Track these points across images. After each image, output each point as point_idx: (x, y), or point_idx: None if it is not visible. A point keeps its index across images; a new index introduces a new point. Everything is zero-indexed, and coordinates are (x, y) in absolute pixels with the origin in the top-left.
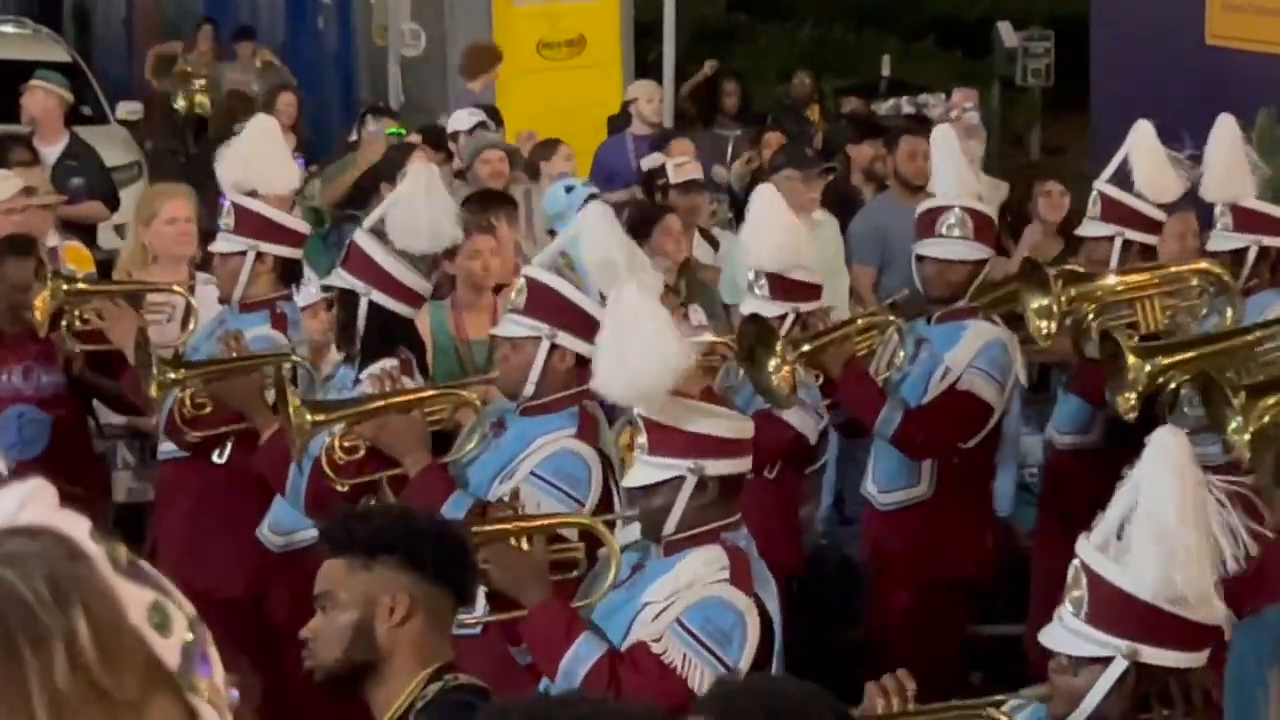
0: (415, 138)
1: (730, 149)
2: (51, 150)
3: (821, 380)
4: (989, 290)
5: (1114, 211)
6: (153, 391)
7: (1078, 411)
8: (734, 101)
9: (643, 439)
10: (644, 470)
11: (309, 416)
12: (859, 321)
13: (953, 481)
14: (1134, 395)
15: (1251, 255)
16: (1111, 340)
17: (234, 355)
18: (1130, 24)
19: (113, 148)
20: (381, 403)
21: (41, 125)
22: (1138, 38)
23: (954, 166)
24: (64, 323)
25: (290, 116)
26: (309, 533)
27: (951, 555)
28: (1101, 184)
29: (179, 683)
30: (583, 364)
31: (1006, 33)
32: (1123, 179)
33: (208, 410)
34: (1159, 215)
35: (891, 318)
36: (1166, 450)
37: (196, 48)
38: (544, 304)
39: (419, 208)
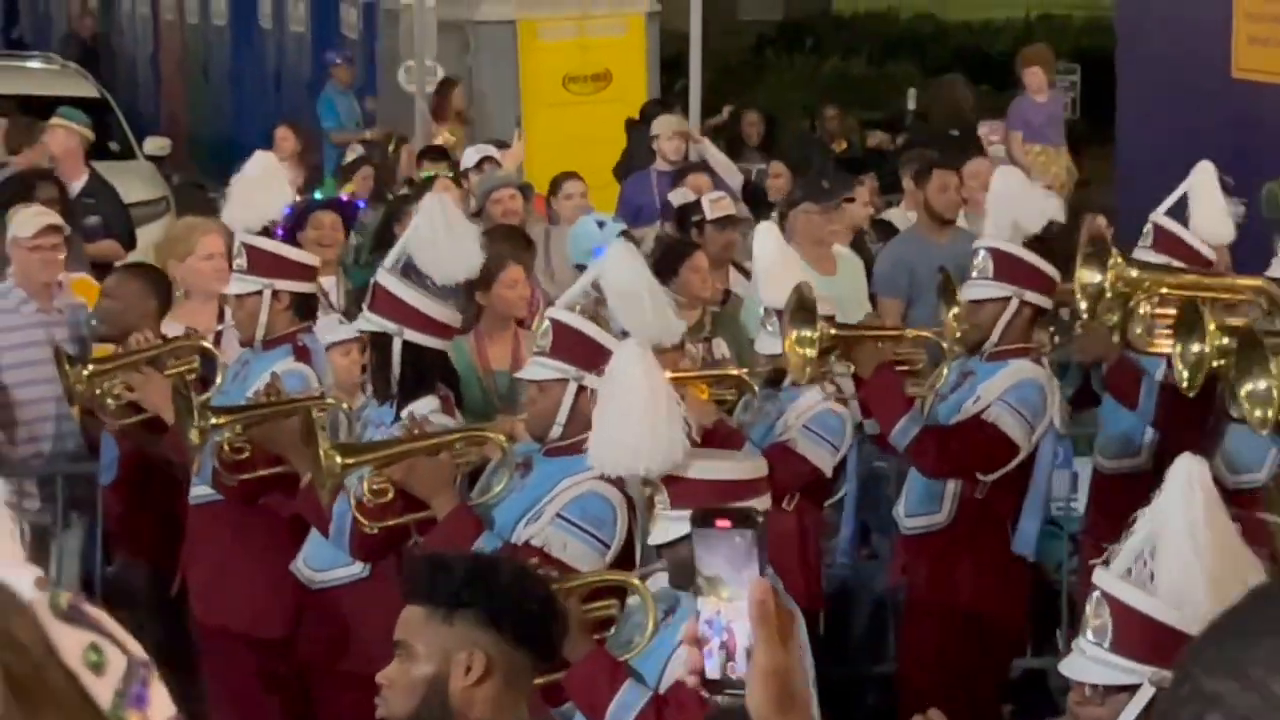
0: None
1: (753, 177)
2: (71, 187)
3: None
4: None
5: (1167, 244)
6: (194, 439)
7: (1125, 435)
8: (757, 134)
9: (662, 495)
10: (668, 525)
11: (339, 459)
12: (908, 333)
13: (973, 514)
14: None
15: None
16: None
17: (271, 399)
18: (1156, 57)
19: (140, 183)
20: (409, 445)
21: (62, 163)
22: (1164, 71)
23: (996, 207)
24: (97, 394)
25: (287, 150)
26: (345, 570)
27: (969, 587)
28: (1158, 216)
29: (109, 718)
30: None
31: None
32: (1177, 214)
33: (247, 455)
34: (1210, 254)
35: (936, 337)
36: (1189, 477)
37: None
38: (570, 346)
39: (441, 240)
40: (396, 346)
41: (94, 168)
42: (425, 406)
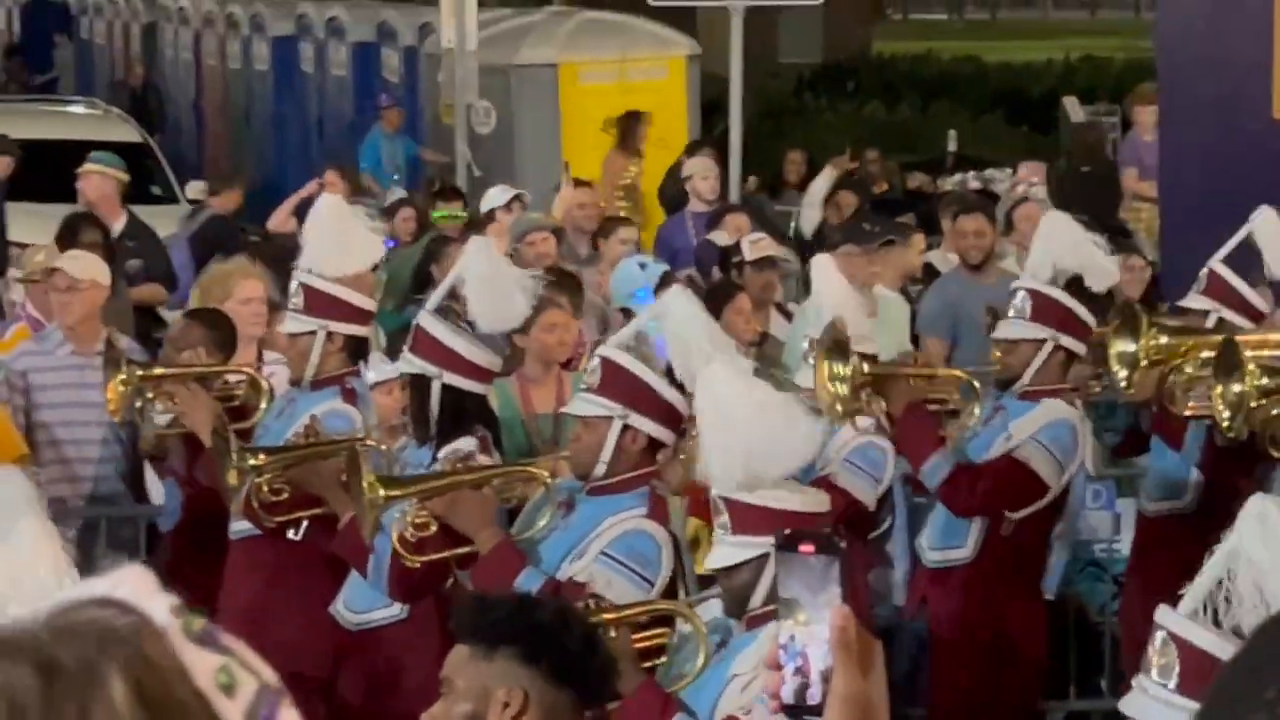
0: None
1: (794, 219)
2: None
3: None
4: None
5: (1218, 291)
6: (232, 480)
7: (1169, 477)
8: (798, 174)
9: (724, 519)
10: (728, 550)
11: (382, 491)
12: (940, 372)
13: (999, 551)
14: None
15: None
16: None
17: (310, 440)
18: (1197, 98)
19: None
20: (453, 479)
21: (99, 208)
22: (1205, 111)
23: (1037, 248)
24: (139, 406)
25: (336, 193)
26: (384, 612)
27: (991, 624)
28: (1215, 262)
29: None
30: (653, 446)
31: (1073, 107)
32: (1236, 261)
33: (285, 495)
34: (1262, 305)
35: (967, 377)
36: (1263, 516)
37: None
38: (618, 384)
39: (488, 286)
40: (435, 389)
41: (132, 210)
42: (463, 448)
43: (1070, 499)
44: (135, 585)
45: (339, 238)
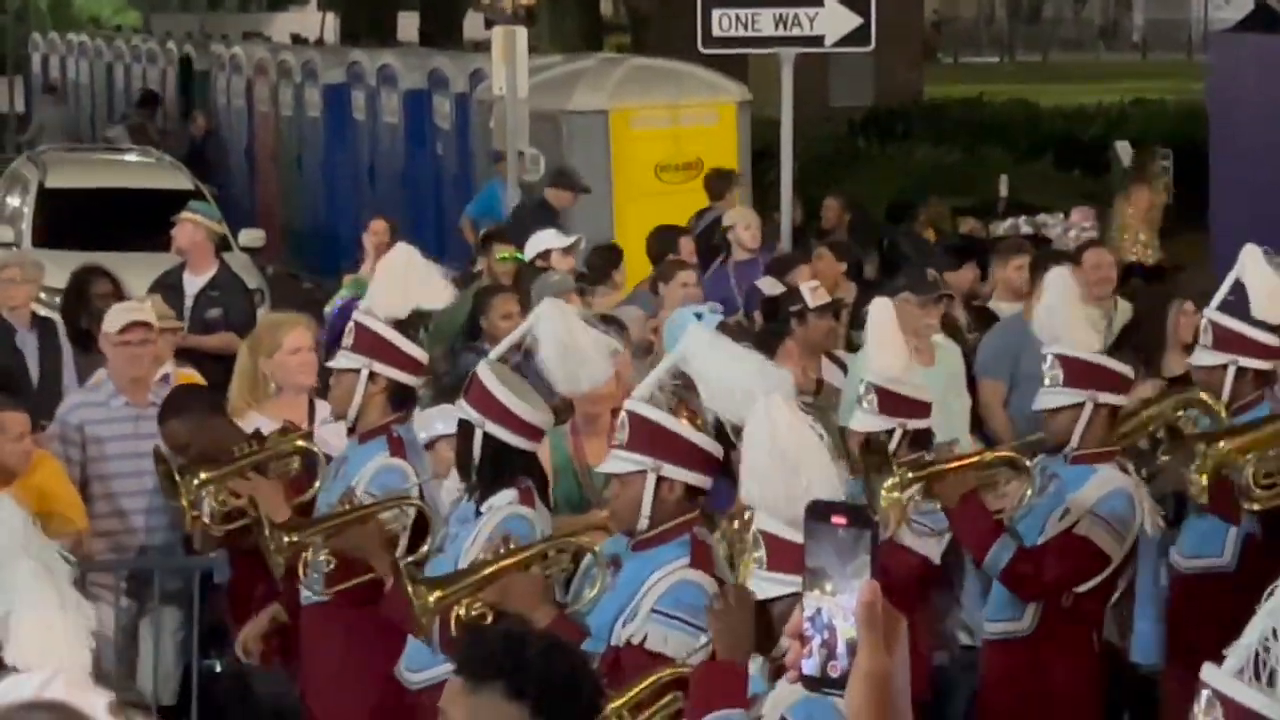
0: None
1: None
2: (197, 280)
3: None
4: (1128, 418)
5: (1226, 340)
6: (279, 565)
7: (1207, 533)
8: (835, 220)
9: (760, 553)
10: (761, 585)
11: (430, 597)
12: (986, 456)
13: (1057, 622)
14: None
15: None
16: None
17: (349, 507)
18: (1249, 142)
19: None
20: (499, 565)
21: (191, 256)
22: (1257, 155)
23: (1054, 309)
24: (208, 509)
25: (380, 243)
26: (441, 669)
27: (1051, 693)
28: (1212, 312)
29: None
30: (692, 493)
31: (1124, 151)
32: (1233, 305)
33: (335, 565)
34: (1273, 341)
35: (1022, 457)
36: None
37: None
38: (646, 437)
39: (565, 348)
40: (478, 438)
41: (225, 260)
42: (503, 499)
43: (1140, 563)
44: (69, 683)
45: (403, 282)
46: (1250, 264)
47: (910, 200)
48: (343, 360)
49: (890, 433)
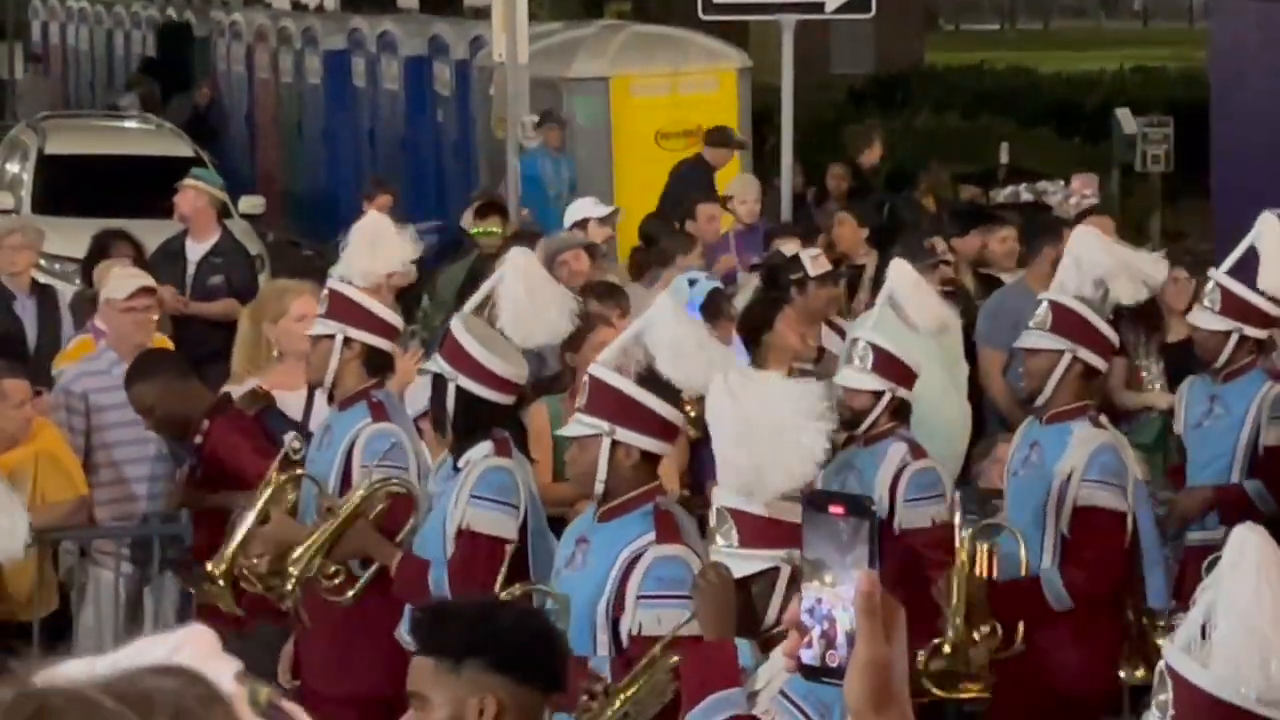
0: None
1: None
2: (199, 247)
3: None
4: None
5: (1234, 307)
6: (290, 603)
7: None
8: (841, 187)
9: (728, 529)
10: (736, 564)
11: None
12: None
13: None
14: None
15: None
16: None
17: (332, 517)
18: (1251, 109)
19: None
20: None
21: (193, 223)
22: (1258, 122)
23: (1067, 263)
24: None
25: (382, 209)
26: None
27: (1072, 673)
28: (1221, 275)
29: None
30: (650, 460)
31: (1126, 119)
32: (1239, 270)
33: (343, 575)
34: (1275, 310)
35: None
36: (1245, 547)
37: None
38: (602, 401)
39: (522, 301)
40: (450, 391)
41: (227, 227)
42: (479, 452)
43: (1140, 516)
44: (198, 649)
45: (373, 248)
46: (1268, 232)
47: (911, 167)
48: (318, 327)
49: (879, 395)
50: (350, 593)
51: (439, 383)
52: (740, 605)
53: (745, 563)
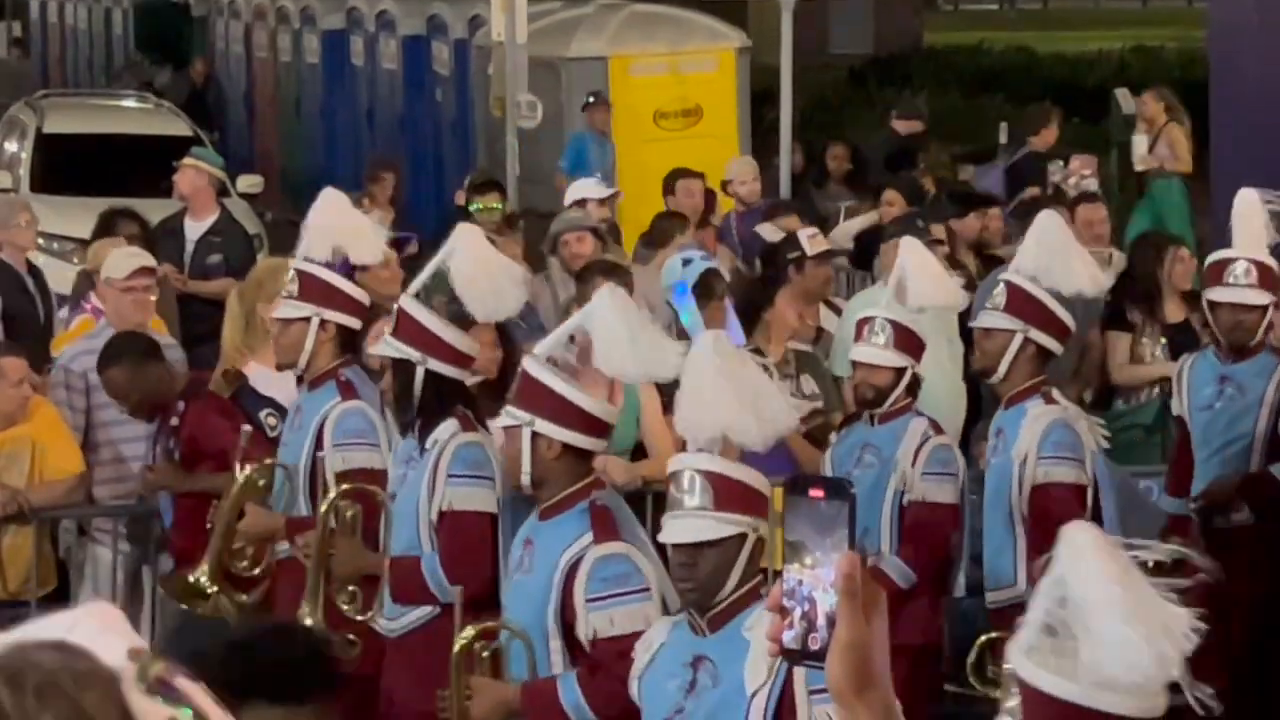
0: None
1: (842, 215)
2: (198, 226)
3: None
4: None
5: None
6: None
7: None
8: (842, 168)
9: (701, 490)
10: (708, 524)
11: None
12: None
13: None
14: None
15: None
16: None
17: (309, 550)
18: (1250, 89)
19: None
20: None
21: (192, 201)
22: (1258, 103)
23: (1028, 244)
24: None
25: (386, 193)
26: (418, 613)
27: None
28: (1260, 252)
29: None
30: (578, 454)
31: (1124, 99)
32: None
33: (359, 596)
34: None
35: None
36: (1076, 544)
37: None
38: (527, 393)
39: (478, 278)
40: (419, 375)
41: (226, 206)
42: (446, 431)
43: (1101, 486)
44: (97, 625)
45: (331, 228)
46: (1243, 208)
47: (910, 147)
48: (290, 310)
49: (900, 371)
50: (371, 612)
51: (404, 366)
52: (704, 574)
53: (716, 526)
